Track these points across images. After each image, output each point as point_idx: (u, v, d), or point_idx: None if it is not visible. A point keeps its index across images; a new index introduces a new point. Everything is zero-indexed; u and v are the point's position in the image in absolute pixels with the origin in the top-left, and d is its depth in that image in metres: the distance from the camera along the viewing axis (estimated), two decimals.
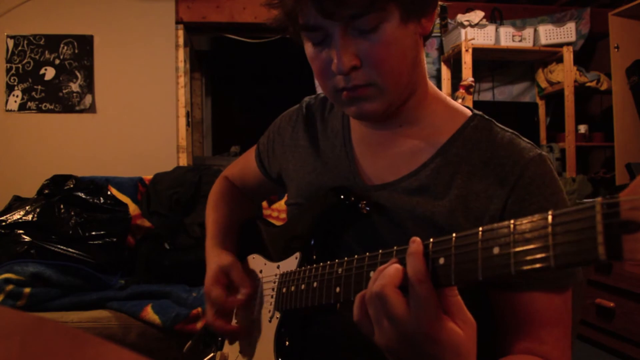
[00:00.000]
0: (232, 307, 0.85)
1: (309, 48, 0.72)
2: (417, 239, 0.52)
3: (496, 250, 0.45)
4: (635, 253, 0.35)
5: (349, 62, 0.67)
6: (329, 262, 0.67)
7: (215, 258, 0.90)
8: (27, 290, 1.84)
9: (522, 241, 0.43)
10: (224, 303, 0.84)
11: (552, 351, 0.66)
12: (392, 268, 0.52)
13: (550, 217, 0.41)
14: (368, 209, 0.74)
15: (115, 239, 2.25)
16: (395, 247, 0.56)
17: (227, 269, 0.87)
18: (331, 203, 0.77)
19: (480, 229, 0.47)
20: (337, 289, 0.64)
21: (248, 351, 0.85)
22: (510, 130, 0.76)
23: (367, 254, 0.60)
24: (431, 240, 0.52)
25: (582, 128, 3.51)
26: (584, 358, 2.39)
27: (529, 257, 0.42)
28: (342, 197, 0.75)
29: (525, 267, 0.43)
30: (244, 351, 0.86)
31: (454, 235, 0.49)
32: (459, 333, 0.51)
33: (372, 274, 0.57)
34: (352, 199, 0.75)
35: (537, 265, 0.42)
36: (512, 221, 0.45)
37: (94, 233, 2.20)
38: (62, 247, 2.08)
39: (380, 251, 0.58)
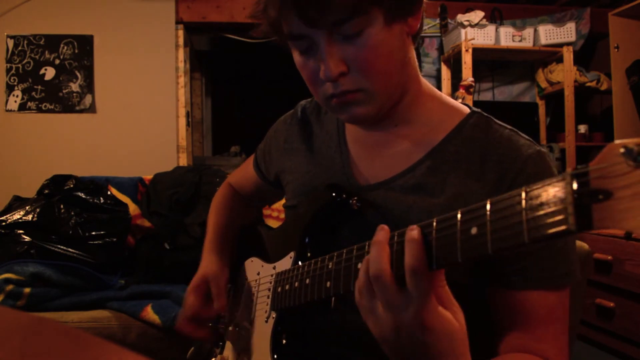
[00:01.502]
0: (204, 317, 0.88)
1: (296, 57, 0.73)
2: (414, 226, 0.50)
3: (474, 230, 0.45)
4: (604, 222, 0.35)
5: (337, 68, 0.67)
6: (320, 258, 0.67)
7: (205, 265, 0.94)
8: (27, 290, 1.84)
9: (498, 219, 0.43)
10: (197, 311, 0.87)
11: (549, 349, 0.66)
12: (386, 254, 0.51)
13: (523, 193, 0.41)
14: (359, 205, 0.74)
15: (115, 239, 2.24)
16: None
17: (209, 279, 0.90)
18: (323, 200, 0.77)
19: (460, 211, 0.47)
20: (328, 284, 0.64)
21: (247, 352, 0.85)
22: (509, 127, 0.75)
23: (355, 246, 0.60)
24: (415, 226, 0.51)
25: (582, 128, 3.51)
26: (584, 358, 2.39)
27: (504, 235, 0.42)
28: (333, 194, 0.76)
29: (502, 245, 0.42)
30: (243, 352, 0.86)
31: (435, 218, 0.49)
32: (453, 321, 0.51)
33: (359, 265, 0.57)
34: (344, 195, 0.75)
35: (512, 242, 0.41)
36: (488, 200, 0.44)
37: (94, 233, 2.20)
38: (62, 247, 2.08)
39: (368, 242, 0.57)
